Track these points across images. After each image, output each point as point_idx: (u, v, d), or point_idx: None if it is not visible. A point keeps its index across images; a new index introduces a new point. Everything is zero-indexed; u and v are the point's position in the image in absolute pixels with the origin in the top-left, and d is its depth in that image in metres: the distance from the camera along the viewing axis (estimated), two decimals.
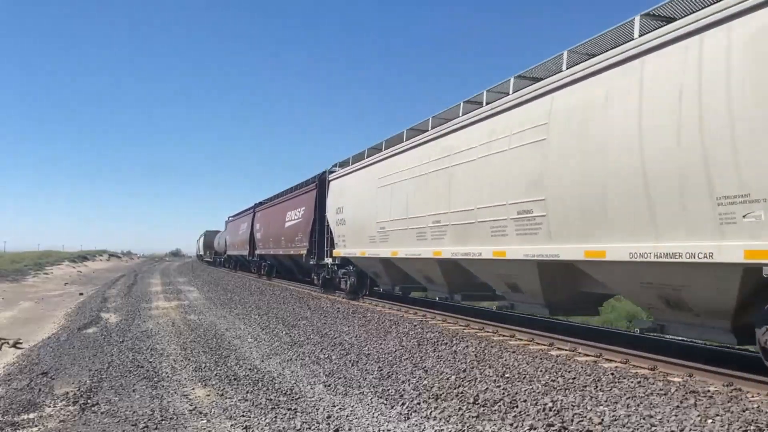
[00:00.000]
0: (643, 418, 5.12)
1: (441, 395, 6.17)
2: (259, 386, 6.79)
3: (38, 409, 6.01)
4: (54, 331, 12.72)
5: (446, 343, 9.31)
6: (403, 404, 5.87)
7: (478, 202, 9.92)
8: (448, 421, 5.31)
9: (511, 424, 5.16)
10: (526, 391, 6.23)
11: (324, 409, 5.76)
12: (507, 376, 7.00)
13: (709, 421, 4.98)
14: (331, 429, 5.17)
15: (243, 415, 5.64)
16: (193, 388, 6.83)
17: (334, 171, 18.82)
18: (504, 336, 10.25)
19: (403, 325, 11.44)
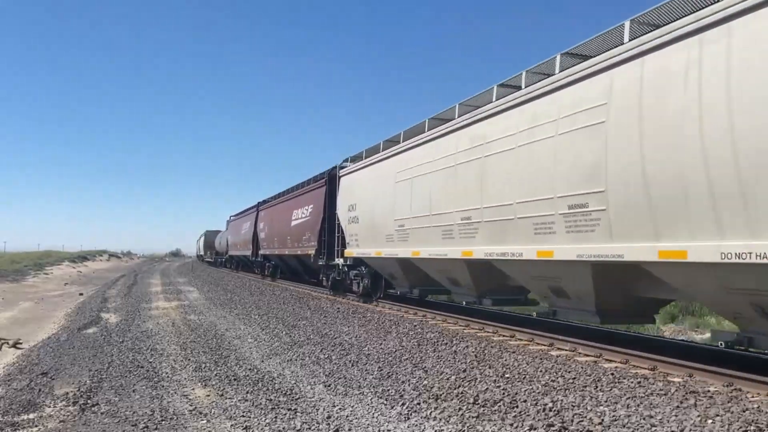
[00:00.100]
0: (643, 419, 5.12)
1: (441, 395, 6.17)
2: (259, 386, 6.79)
3: (38, 410, 6.01)
4: (54, 331, 12.73)
5: (446, 343, 9.31)
6: (403, 404, 5.87)
7: (518, 196, 8.86)
8: (448, 422, 5.31)
9: (511, 425, 5.16)
10: (526, 391, 6.23)
11: (324, 410, 5.76)
12: (507, 376, 7.00)
13: (709, 422, 4.98)
14: (331, 429, 5.17)
15: (243, 416, 5.65)
16: (193, 389, 6.83)
17: (345, 166, 17.81)
18: (504, 336, 10.25)
19: (403, 325, 11.44)
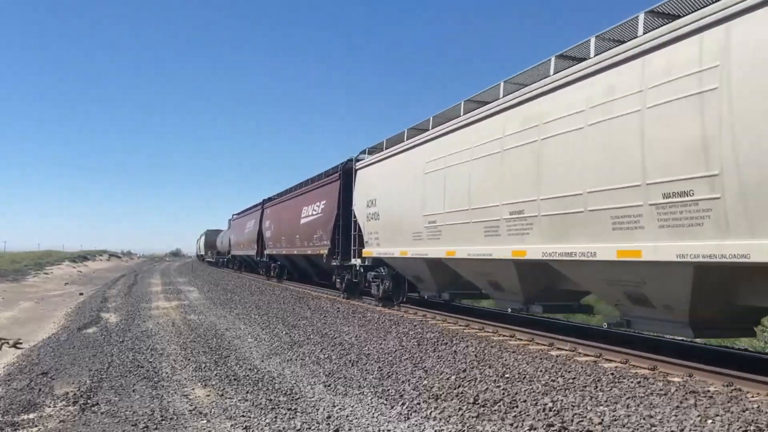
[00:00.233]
0: (643, 418, 5.12)
1: (441, 395, 6.17)
2: (259, 386, 6.79)
3: (38, 409, 6.01)
4: (54, 331, 12.73)
5: (446, 343, 9.31)
6: (403, 404, 5.87)
7: (589, 185, 7.62)
8: (448, 421, 5.31)
9: (511, 424, 5.16)
10: (526, 391, 6.23)
11: (324, 409, 5.76)
12: (507, 376, 7.00)
13: (709, 422, 4.98)
14: (331, 429, 5.17)
15: (243, 415, 5.65)
16: (193, 388, 6.83)
17: (362, 158, 16.57)
18: (504, 336, 10.25)
19: (403, 325, 11.44)
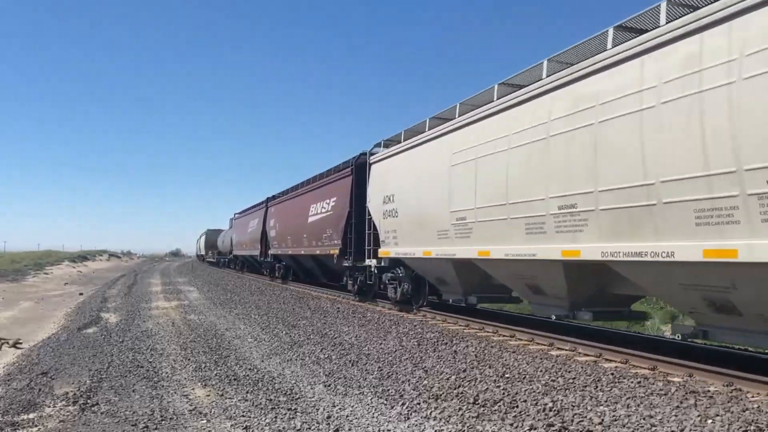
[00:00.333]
0: (643, 418, 5.12)
1: (441, 395, 6.17)
2: (259, 386, 6.79)
3: (38, 409, 6.00)
4: (54, 331, 12.74)
5: (446, 343, 9.31)
6: (403, 404, 5.87)
7: (664, 173, 6.63)
8: (448, 421, 5.31)
9: (511, 424, 5.16)
10: (526, 391, 6.23)
11: (324, 409, 5.76)
12: (507, 376, 7.00)
13: (709, 421, 4.98)
14: (331, 429, 5.17)
15: (243, 415, 5.65)
16: (193, 388, 6.83)
17: (377, 152, 15.43)
18: (504, 336, 10.25)
19: (403, 325, 11.43)
